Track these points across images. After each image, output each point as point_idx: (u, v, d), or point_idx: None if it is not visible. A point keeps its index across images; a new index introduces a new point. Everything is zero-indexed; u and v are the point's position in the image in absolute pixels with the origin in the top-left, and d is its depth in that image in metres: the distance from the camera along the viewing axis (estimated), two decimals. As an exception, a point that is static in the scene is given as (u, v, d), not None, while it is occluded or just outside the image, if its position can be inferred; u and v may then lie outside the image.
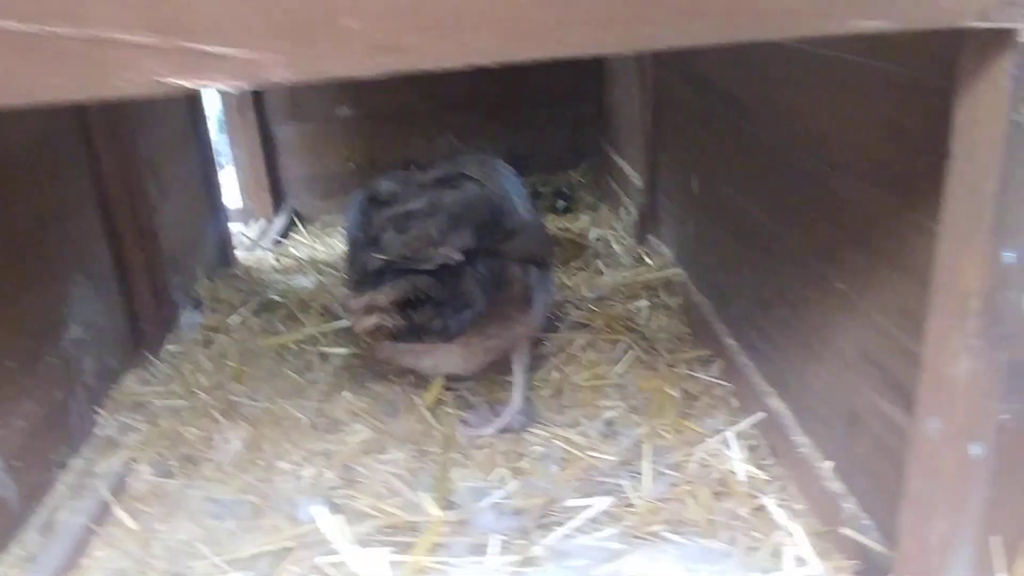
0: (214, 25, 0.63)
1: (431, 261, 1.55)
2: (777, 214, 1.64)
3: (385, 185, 1.77)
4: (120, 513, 1.67)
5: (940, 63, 0.96)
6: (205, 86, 0.67)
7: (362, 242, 1.70)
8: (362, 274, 1.63)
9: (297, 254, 2.96)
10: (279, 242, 3.10)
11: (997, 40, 0.80)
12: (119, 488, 1.75)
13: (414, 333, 1.59)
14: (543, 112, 3.40)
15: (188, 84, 0.66)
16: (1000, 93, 0.80)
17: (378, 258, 1.59)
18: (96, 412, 1.96)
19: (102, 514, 1.67)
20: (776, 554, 1.22)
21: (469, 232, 1.62)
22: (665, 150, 2.46)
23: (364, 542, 1.44)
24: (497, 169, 1.92)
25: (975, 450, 0.85)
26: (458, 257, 1.57)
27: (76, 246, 1.96)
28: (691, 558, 1.03)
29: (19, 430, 1.64)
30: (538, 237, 1.91)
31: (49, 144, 1.89)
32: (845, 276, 1.34)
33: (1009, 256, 0.82)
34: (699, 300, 2.12)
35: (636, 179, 2.79)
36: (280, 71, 0.66)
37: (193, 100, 2.72)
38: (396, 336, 1.60)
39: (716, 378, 1.88)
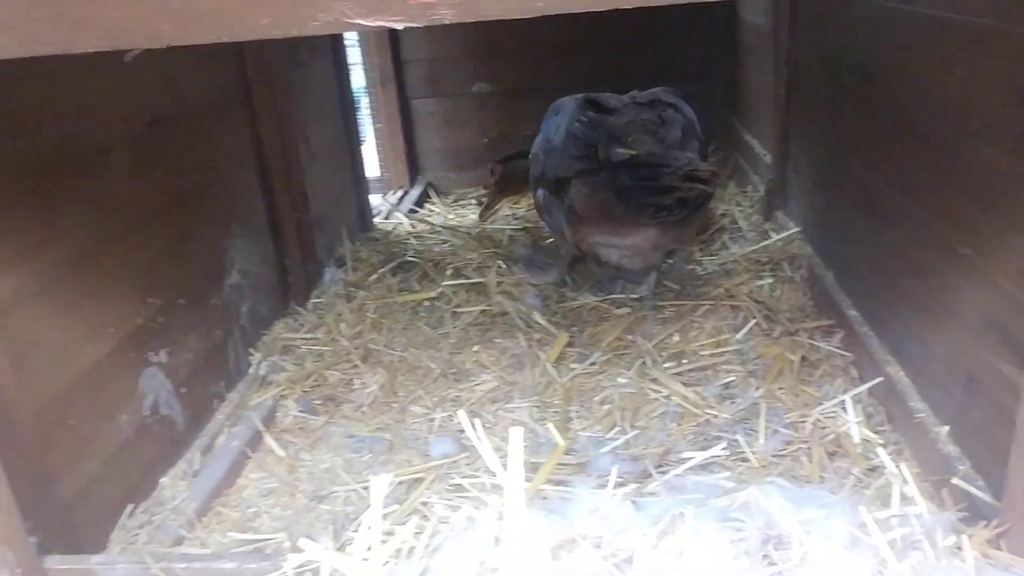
0: (395, -29, 0.74)
1: (677, 161, 1.94)
2: (901, 183, 1.64)
3: (609, 97, 2.19)
4: (271, 441, 1.86)
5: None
6: (381, 25, 0.78)
7: (570, 140, 2.11)
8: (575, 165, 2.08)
9: (433, 221, 3.12)
10: (414, 211, 3.27)
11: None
12: (269, 420, 1.94)
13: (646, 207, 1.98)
14: (675, 89, 3.40)
15: (368, 24, 0.77)
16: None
17: (626, 152, 1.97)
18: (250, 353, 2.17)
19: (255, 442, 1.87)
20: (884, 495, 1.24)
21: (696, 143, 2.11)
22: (796, 125, 2.44)
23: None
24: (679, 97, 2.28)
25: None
26: (700, 165, 1.94)
27: (237, 200, 2.17)
28: (801, 498, 1.06)
29: (187, 361, 1.85)
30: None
31: (217, 104, 2.09)
32: (969, 241, 1.34)
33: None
34: (823, 273, 2.12)
35: (765, 155, 2.77)
36: (447, 12, 0.76)
37: (342, 72, 2.91)
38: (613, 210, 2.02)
39: (836, 348, 1.87)
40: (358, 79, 3.66)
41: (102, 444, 1.51)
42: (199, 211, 1.95)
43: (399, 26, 0.78)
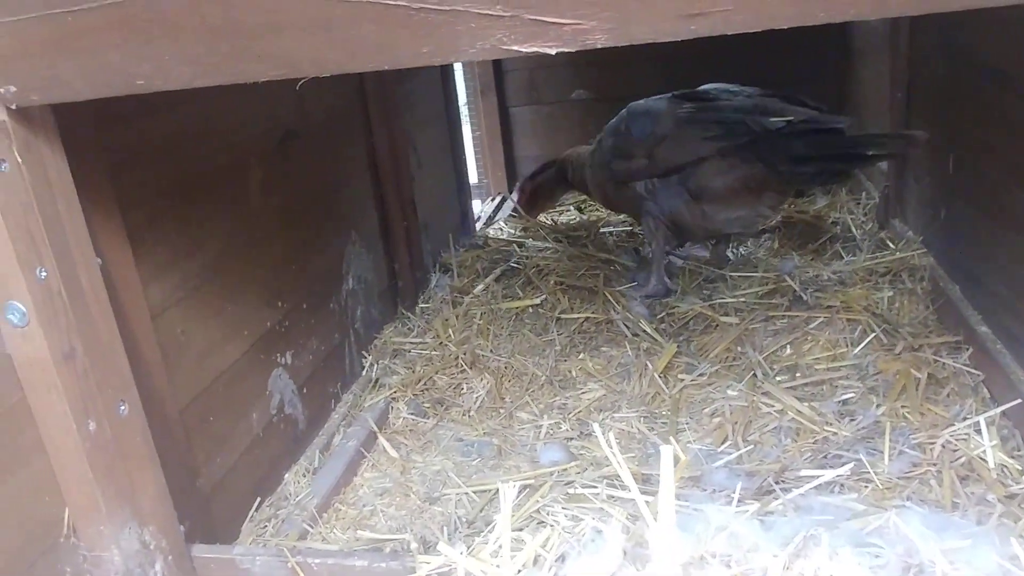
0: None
1: (833, 123, 2.11)
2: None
3: (710, 89, 2.40)
4: (384, 442, 1.92)
5: None
6: (535, 51, 0.80)
7: (691, 127, 2.26)
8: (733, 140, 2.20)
9: (532, 228, 3.14)
10: (512, 217, 3.30)
11: None
12: (382, 422, 2.01)
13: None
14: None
15: (523, 50, 0.79)
16: None
17: (781, 120, 2.12)
18: (363, 356, 2.25)
19: (369, 442, 1.93)
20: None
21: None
22: (916, 129, 2.34)
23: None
24: None
25: None
26: (849, 122, 2.13)
27: (354, 208, 2.25)
28: (939, 525, 1.02)
29: (308, 363, 1.94)
30: None
31: (338, 117, 2.18)
32: None
33: None
34: (948, 286, 2.02)
35: (880, 162, 2.67)
36: (601, 37, 0.77)
37: (448, 82, 2.97)
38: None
39: (965, 366, 1.79)
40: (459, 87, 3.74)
41: (236, 440, 1.60)
42: (321, 220, 2.04)
43: (552, 51, 0.80)
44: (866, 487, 1.47)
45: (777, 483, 1.50)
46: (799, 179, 2.19)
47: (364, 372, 2.22)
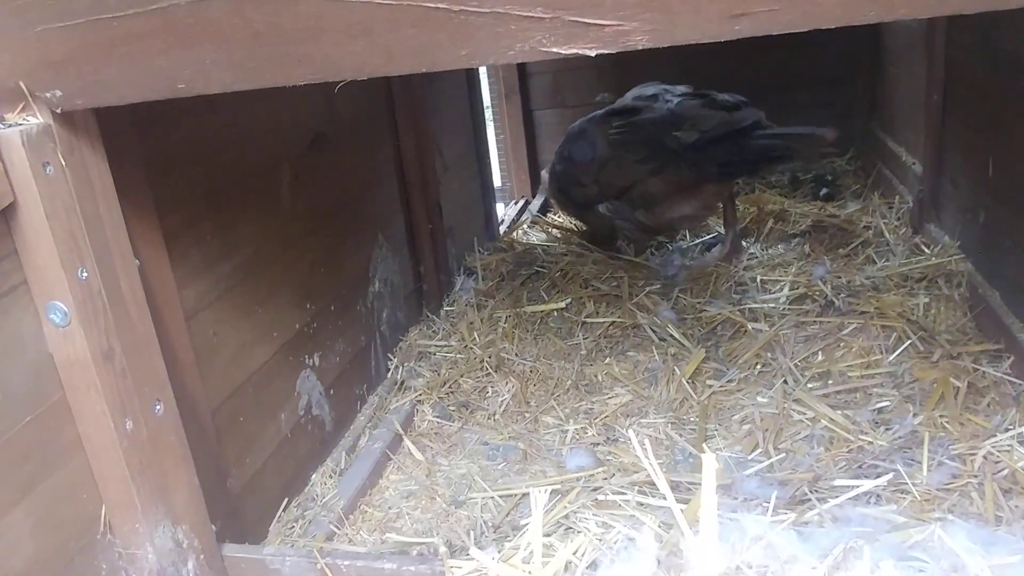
0: (594, 1, 0.75)
1: (742, 122, 2.31)
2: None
3: (629, 101, 2.59)
4: (409, 445, 1.92)
5: None
6: (575, 53, 0.79)
7: (621, 150, 2.48)
8: (659, 155, 2.43)
9: (555, 231, 3.14)
10: (536, 221, 3.29)
11: None
12: (407, 424, 2.01)
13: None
14: (810, 95, 3.28)
15: (563, 51, 0.78)
16: None
17: (694, 133, 2.33)
18: (388, 358, 2.25)
19: (394, 444, 1.93)
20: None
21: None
22: (953, 133, 2.30)
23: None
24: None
25: None
26: (760, 116, 2.32)
27: (381, 211, 2.25)
28: (986, 540, 0.99)
29: (335, 364, 1.94)
30: None
31: (365, 120, 2.18)
32: None
33: None
34: (987, 292, 1.98)
35: (913, 164, 2.63)
36: (642, 38, 0.76)
37: (473, 86, 2.97)
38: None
39: (1006, 374, 1.75)
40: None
41: (266, 440, 1.61)
42: (349, 222, 2.04)
43: (592, 53, 0.79)
44: (904, 498, 1.44)
45: (811, 493, 1.48)
46: (729, 177, 2.43)
47: (389, 374, 2.22)
